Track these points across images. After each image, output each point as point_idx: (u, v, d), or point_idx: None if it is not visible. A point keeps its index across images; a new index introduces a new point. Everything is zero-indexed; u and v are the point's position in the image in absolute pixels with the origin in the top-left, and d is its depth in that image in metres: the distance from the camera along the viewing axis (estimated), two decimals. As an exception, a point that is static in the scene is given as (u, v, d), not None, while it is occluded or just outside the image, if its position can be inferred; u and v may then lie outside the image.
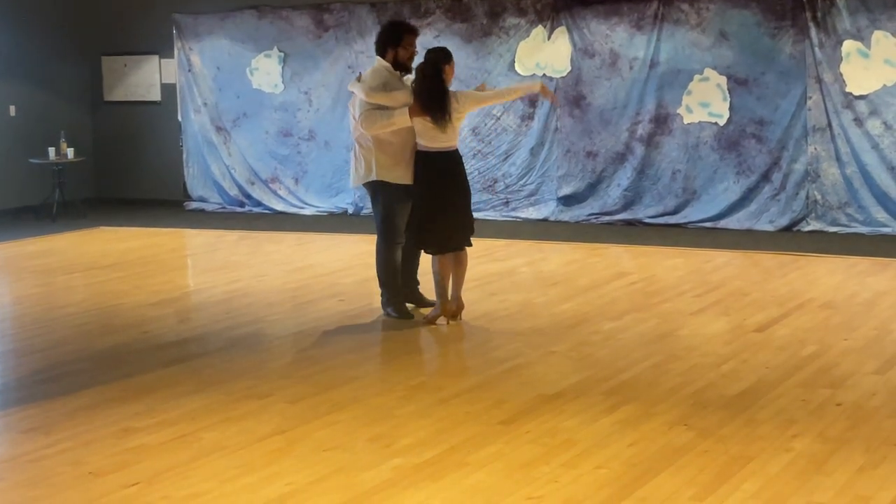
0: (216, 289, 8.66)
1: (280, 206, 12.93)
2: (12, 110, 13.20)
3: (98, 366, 6.47)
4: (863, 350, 6.36)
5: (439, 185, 7.08)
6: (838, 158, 10.55)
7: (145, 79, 13.75)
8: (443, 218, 7.08)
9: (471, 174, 10.46)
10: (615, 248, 10.06)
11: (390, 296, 7.41)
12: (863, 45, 10.34)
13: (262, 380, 6.02)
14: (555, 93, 11.49)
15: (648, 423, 5.11)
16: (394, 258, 7.34)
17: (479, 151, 11.93)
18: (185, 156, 13.49)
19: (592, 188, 11.58)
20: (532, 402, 5.49)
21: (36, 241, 11.30)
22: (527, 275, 9.04)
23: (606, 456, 4.71)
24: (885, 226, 10.36)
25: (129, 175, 14.00)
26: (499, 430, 5.08)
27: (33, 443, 5.06)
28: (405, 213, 7.22)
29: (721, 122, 10.96)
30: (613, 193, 11.47)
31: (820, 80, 10.51)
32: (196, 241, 11.46)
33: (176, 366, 6.40)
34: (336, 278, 8.90)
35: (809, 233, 10.57)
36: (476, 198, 9.85)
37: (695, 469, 4.53)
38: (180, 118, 13.44)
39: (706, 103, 10.99)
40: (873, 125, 10.37)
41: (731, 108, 10.91)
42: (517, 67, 11.69)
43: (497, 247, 10.09)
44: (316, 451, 4.87)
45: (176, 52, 13.34)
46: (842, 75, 10.42)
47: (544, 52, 11.59)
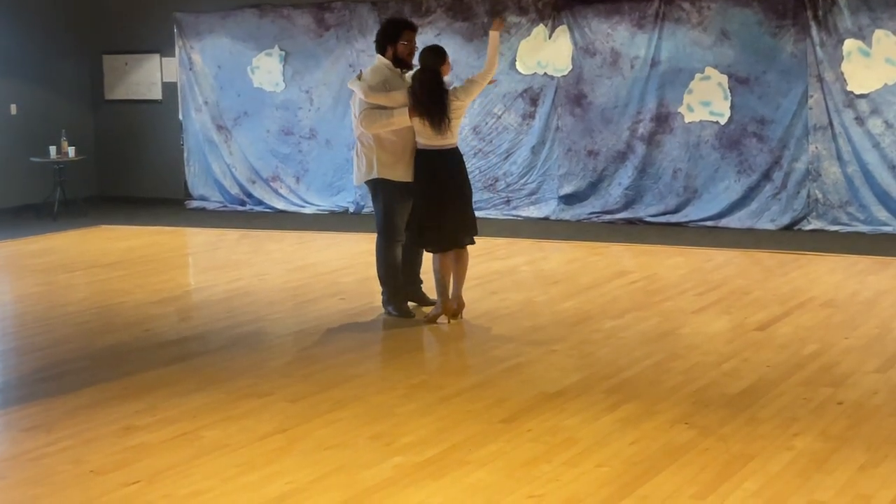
0: (217, 287, 8.67)
1: (281, 205, 12.93)
2: (13, 109, 13.20)
3: (99, 364, 6.48)
4: (864, 349, 6.36)
5: (439, 184, 7.08)
6: (839, 157, 10.54)
7: (146, 77, 13.75)
8: (443, 216, 7.08)
9: (472, 173, 10.46)
10: (616, 247, 10.06)
11: (391, 294, 7.41)
12: (864, 44, 10.33)
13: (263, 378, 6.03)
14: (556, 92, 11.52)
15: (649, 422, 5.11)
16: (394, 256, 7.33)
17: (481, 150, 11.93)
18: (186, 154, 13.49)
19: (593, 187, 11.58)
20: (533, 400, 5.50)
21: (37, 240, 11.30)
22: (528, 273, 9.04)
23: (607, 454, 4.71)
24: (886, 224, 10.35)
25: (130, 174, 14.00)
26: (500, 429, 5.08)
27: (34, 441, 5.06)
28: (405, 212, 7.22)
29: (722, 121, 10.96)
30: (614, 192, 11.47)
31: (821, 79, 10.50)
32: (197, 239, 11.47)
33: (177, 364, 6.40)
34: (337, 277, 8.90)
35: (810, 231, 10.57)
36: (477, 196, 9.84)
37: (696, 467, 4.53)
38: (181, 117, 13.44)
39: (707, 102, 10.99)
40: (874, 124, 10.36)
41: (732, 107, 10.90)
42: (518, 66, 11.69)
43: (498, 245, 10.09)
44: (317, 449, 4.87)
45: (177, 50, 13.34)
46: (843, 74, 10.42)
47: (545, 51, 11.59)
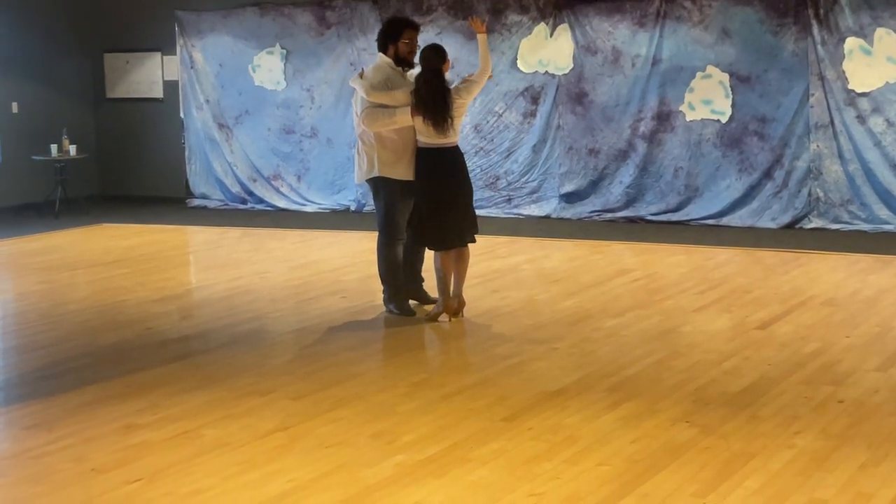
0: (218, 286, 8.67)
1: (282, 203, 12.93)
2: (15, 107, 13.20)
3: (100, 362, 6.48)
4: (865, 347, 6.36)
5: (440, 182, 7.08)
6: (840, 156, 10.54)
7: (148, 76, 13.76)
8: (444, 214, 7.08)
9: (473, 171, 10.47)
10: (617, 246, 10.06)
11: (392, 292, 7.41)
12: (865, 43, 10.33)
13: (265, 376, 6.03)
14: (557, 90, 11.52)
15: (650, 420, 5.11)
16: (395, 255, 7.33)
17: (482, 148, 11.93)
18: (187, 153, 13.49)
19: (595, 185, 11.58)
20: (534, 398, 5.50)
21: (39, 238, 11.31)
22: (529, 272, 9.04)
23: (608, 453, 4.71)
24: (888, 223, 10.35)
25: (131, 172, 14.01)
26: (501, 427, 5.08)
27: (36, 439, 5.07)
28: (407, 210, 7.23)
29: (723, 120, 10.96)
30: (616, 191, 11.47)
31: (822, 78, 10.50)
32: (198, 238, 11.47)
33: (178, 362, 6.40)
34: (338, 275, 8.90)
35: (811, 230, 10.57)
36: (478, 195, 9.85)
37: (697, 466, 4.54)
38: (182, 115, 13.45)
39: (708, 100, 10.99)
40: (875, 122, 10.36)
41: (733, 106, 10.90)
42: (520, 65, 11.69)
43: (499, 244, 10.09)
44: (318, 447, 4.87)
45: (178, 49, 13.34)
46: (844, 72, 10.42)
47: (547, 50, 11.59)
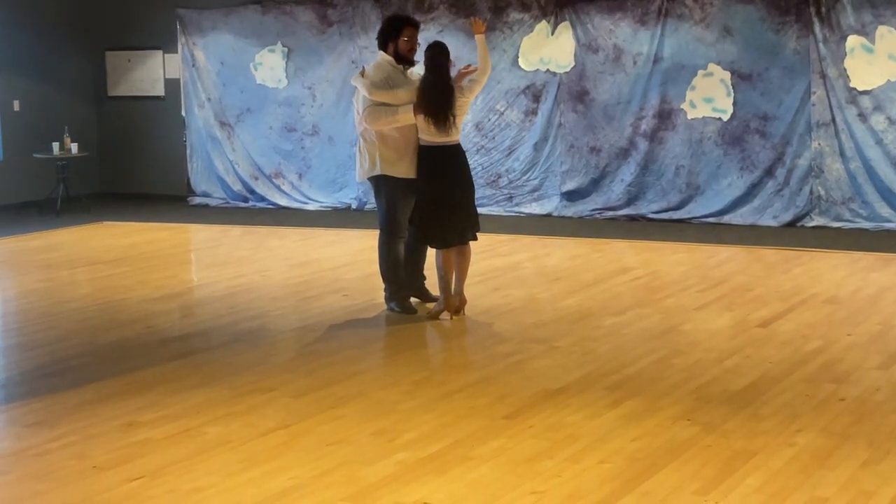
0: (220, 284, 8.67)
1: (284, 202, 12.93)
2: (16, 105, 13.21)
3: (102, 360, 6.48)
4: (866, 345, 6.36)
5: (443, 180, 7.08)
6: (842, 154, 10.54)
7: (149, 74, 13.76)
8: (446, 212, 7.08)
9: (474, 169, 10.46)
10: (619, 244, 10.06)
11: (393, 291, 7.41)
12: (867, 41, 10.32)
13: (266, 374, 6.03)
14: (559, 88, 11.52)
15: (652, 418, 5.11)
16: (396, 253, 7.33)
17: (483, 147, 11.93)
18: (188, 151, 13.49)
19: (596, 183, 11.58)
20: (535, 396, 5.50)
21: (40, 236, 11.31)
22: (530, 270, 9.04)
23: (610, 450, 4.71)
24: (889, 221, 10.35)
25: (132, 170, 14.01)
26: (502, 425, 5.08)
27: (38, 437, 5.07)
28: (408, 208, 7.22)
29: (725, 118, 10.95)
30: (617, 189, 11.47)
31: (824, 76, 10.50)
32: (200, 236, 11.47)
33: (180, 360, 6.41)
34: (340, 273, 8.91)
35: (813, 228, 10.56)
36: (479, 193, 9.85)
37: (698, 464, 4.54)
38: (184, 113, 13.45)
39: (710, 98, 10.98)
40: (877, 120, 10.36)
41: (734, 104, 10.90)
42: (521, 63, 11.69)
43: (500, 242, 10.09)
44: (320, 445, 4.87)
45: (180, 47, 13.34)
46: (846, 70, 10.41)
47: (548, 48, 11.58)
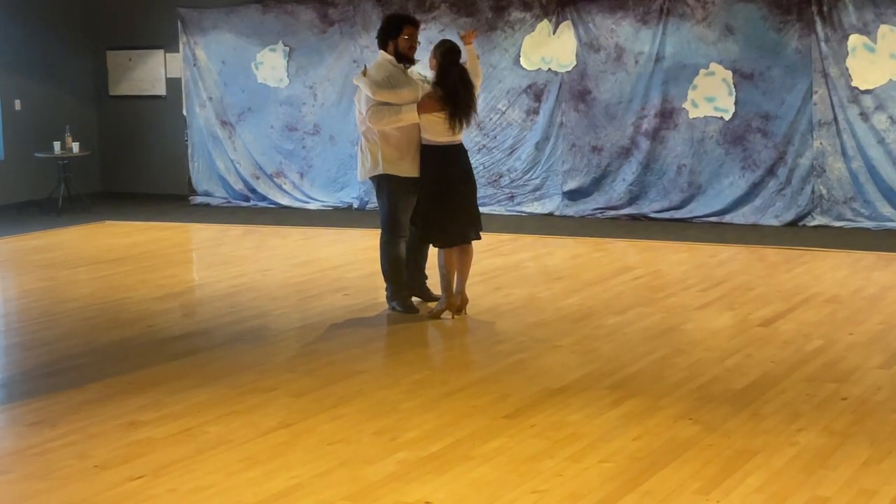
0: (221, 283, 8.67)
1: (285, 201, 12.93)
2: (18, 104, 13.21)
3: (103, 359, 6.48)
4: (868, 344, 6.35)
5: (447, 179, 7.08)
6: (844, 153, 10.53)
7: (150, 73, 13.76)
8: (450, 212, 7.08)
9: (476, 169, 10.42)
10: (620, 243, 10.06)
11: (394, 290, 7.41)
12: (869, 40, 10.32)
13: (267, 373, 6.03)
14: (560, 88, 11.52)
15: (653, 417, 5.11)
16: (398, 252, 7.33)
17: (485, 146, 11.93)
18: (190, 150, 13.49)
19: (597, 183, 11.58)
20: (537, 395, 5.50)
21: (41, 236, 11.31)
22: (532, 269, 9.04)
23: (611, 450, 4.71)
24: (891, 220, 10.34)
25: (134, 169, 14.02)
26: (504, 424, 5.08)
27: (39, 436, 5.07)
28: (410, 208, 7.22)
29: (726, 117, 10.95)
30: (618, 188, 11.46)
31: (826, 75, 10.49)
32: (201, 235, 11.47)
33: (181, 360, 6.41)
34: (341, 273, 8.91)
35: (815, 227, 10.56)
36: (481, 192, 9.83)
37: (700, 463, 4.54)
38: (185, 112, 13.45)
39: (712, 98, 10.98)
40: (879, 119, 10.35)
41: (736, 103, 10.89)
42: (522, 62, 11.68)
43: (502, 241, 10.09)
44: (321, 444, 4.87)
45: (181, 46, 13.34)
46: (848, 69, 10.41)
47: (550, 47, 11.58)
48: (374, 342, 6.88)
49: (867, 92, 10.36)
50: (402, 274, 7.39)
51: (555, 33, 11.56)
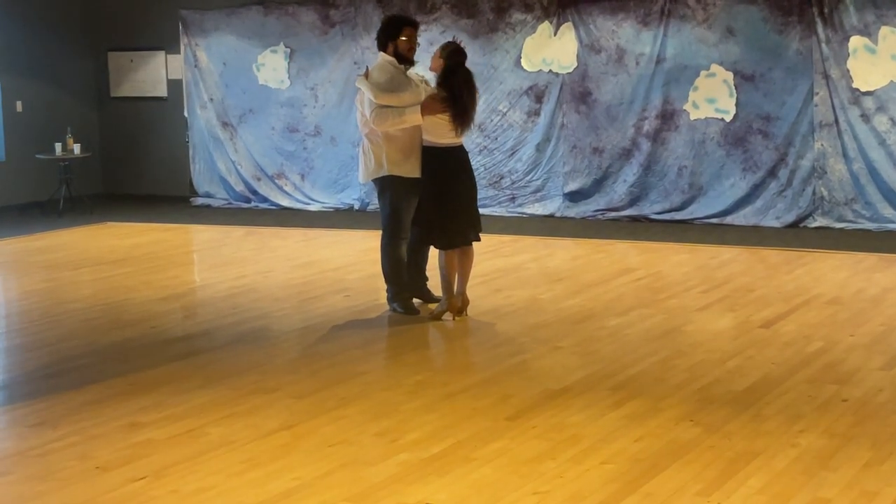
0: (222, 284, 8.67)
1: (286, 202, 12.94)
2: (19, 106, 13.21)
3: (105, 361, 6.49)
4: (869, 346, 6.35)
5: (449, 181, 7.09)
6: (845, 154, 10.53)
7: (151, 74, 13.77)
8: (451, 213, 7.09)
9: (477, 170, 10.41)
10: (621, 244, 10.06)
11: (396, 291, 7.41)
12: (870, 41, 10.32)
13: (269, 375, 6.04)
14: (561, 89, 11.52)
15: (654, 419, 5.11)
16: (399, 254, 7.33)
17: (485, 147, 11.93)
18: (191, 151, 13.50)
19: (598, 184, 11.58)
20: (538, 397, 5.50)
21: (43, 237, 11.32)
22: (533, 270, 9.04)
23: (612, 451, 4.71)
24: (892, 222, 10.34)
25: (135, 171, 14.02)
26: (505, 426, 5.08)
27: (41, 437, 5.08)
28: (412, 209, 7.22)
29: (727, 118, 10.95)
30: (619, 189, 11.47)
31: (827, 76, 10.49)
32: (202, 236, 11.48)
33: (183, 361, 6.41)
34: (342, 274, 8.91)
35: (816, 229, 10.56)
36: (482, 194, 9.83)
37: (701, 464, 4.54)
38: (186, 114, 13.45)
39: (713, 99, 10.98)
40: (880, 121, 10.35)
41: (737, 104, 10.90)
42: (523, 63, 11.69)
43: (503, 243, 10.09)
44: (322, 445, 4.88)
45: (182, 47, 13.35)
46: (849, 71, 10.41)
47: (551, 48, 11.59)
48: (376, 343, 6.89)
49: (868, 93, 10.36)
50: (403, 275, 7.39)
51: (556, 35, 11.56)
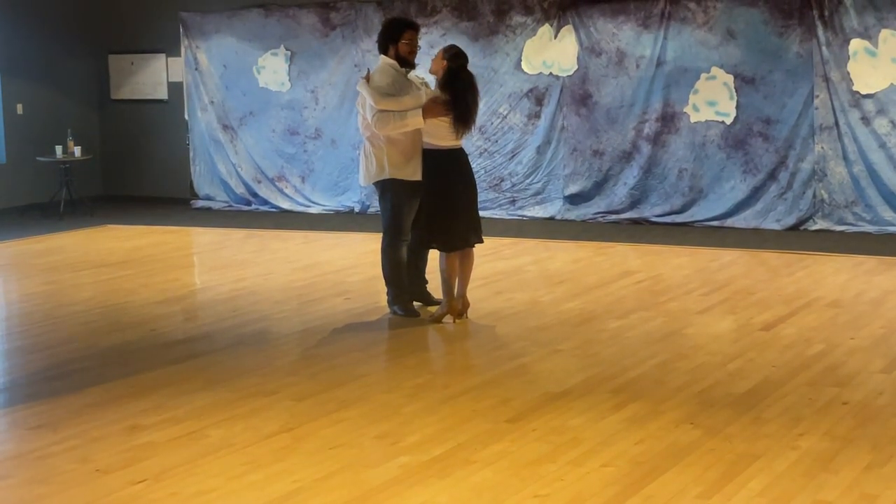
0: (223, 287, 8.68)
1: (286, 205, 12.94)
2: (20, 108, 13.22)
3: (105, 363, 6.49)
4: (869, 349, 6.35)
5: (450, 183, 7.10)
6: (845, 157, 10.53)
7: (152, 77, 13.77)
8: (453, 216, 7.09)
9: (477, 173, 10.42)
10: (621, 247, 10.06)
11: (396, 294, 7.41)
12: (870, 44, 10.32)
13: (269, 377, 6.04)
14: (561, 92, 11.53)
15: (655, 422, 5.11)
16: (399, 256, 7.33)
17: (486, 150, 11.93)
18: (191, 154, 13.50)
19: (599, 187, 11.58)
20: (538, 400, 5.50)
21: (43, 239, 11.32)
22: (533, 273, 9.04)
23: (613, 454, 4.71)
24: (892, 224, 10.34)
25: (136, 173, 14.03)
26: (505, 428, 5.08)
27: (41, 440, 5.08)
28: (413, 212, 7.23)
29: (728, 121, 10.95)
30: (620, 192, 11.47)
31: (827, 79, 10.50)
32: (203, 239, 11.48)
33: (182, 363, 6.41)
34: (342, 276, 8.91)
35: (816, 231, 10.56)
36: (482, 196, 9.84)
37: (701, 467, 4.54)
38: (187, 116, 13.46)
39: (713, 102, 10.98)
40: (880, 124, 10.35)
41: (737, 107, 10.90)
42: (524, 66, 11.69)
43: (503, 245, 10.09)
44: (322, 448, 4.88)
45: (183, 50, 13.36)
46: (849, 74, 10.41)
47: (551, 51, 11.59)
48: (376, 346, 6.89)
49: (868, 96, 10.36)
50: (403, 278, 7.39)
51: (556, 37, 11.56)
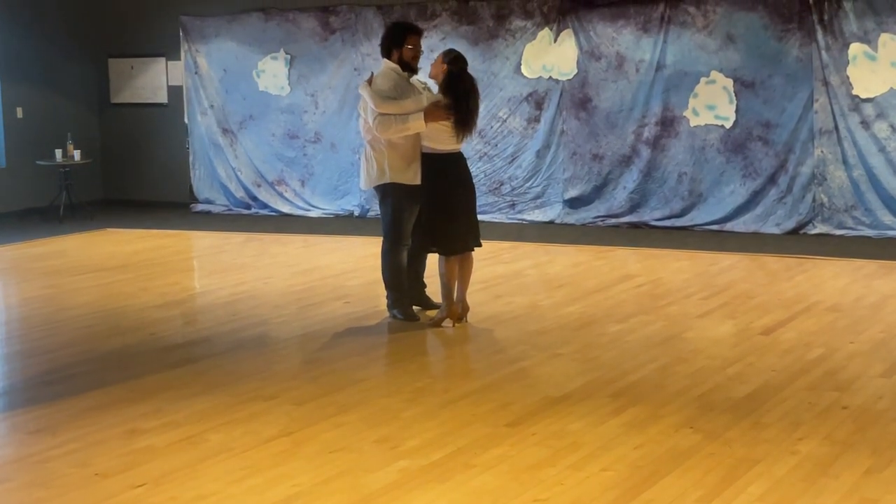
0: (222, 291, 8.67)
1: (286, 209, 12.94)
2: (19, 112, 13.22)
3: (105, 367, 6.49)
4: (869, 353, 6.35)
5: (449, 187, 7.10)
6: (845, 161, 10.54)
7: (152, 81, 13.78)
8: (453, 220, 7.09)
9: (477, 176, 10.46)
10: (621, 251, 10.06)
11: (396, 298, 7.41)
12: (869, 48, 10.33)
13: (269, 381, 6.03)
14: (561, 96, 11.53)
15: (655, 426, 5.11)
16: (400, 260, 7.34)
17: (485, 154, 11.94)
18: (191, 158, 13.51)
19: (598, 191, 11.58)
20: (538, 404, 5.50)
21: (43, 243, 11.32)
22: (533, 277, 9.04)
23: (612, 458, 4.71)
24: (892, 229, 10.34)
25: (135, 177, 14.03)
26: (505, 433, 5.08)
27: (40, 444, 5.08)
28: (413, 216, 7.23)
29: (727, 125, 10.96)
30: (619, 196, 11.47)
31: (826, 83, 10.50)
32: (202, 243, 11.48)
33: (182, 367, 6.41)
34: (342, 280, 8.91)
35: (816, 236, 10.56)
36: (482, 200, 9.87)
37: (701, 471, 4.53)
38: (187, 120, 13.46)
39: (713, 106, 10.99)
40: (880, 128, 10.36)
41: (737, 111, 10.90)
42: (524, 70, 11.70)
43: (503, 249, 10.09)
44: (322, 452, 4.87)
45: (182, 54, 13.37)
46: (848, 78, 10.41)
47: (551, 55, 11.60)
48: (376, 350, 6.89)
49: (868, 100, 10.37)
50: (403, 282, 7.39)
51: (556, 41, 11.57)
